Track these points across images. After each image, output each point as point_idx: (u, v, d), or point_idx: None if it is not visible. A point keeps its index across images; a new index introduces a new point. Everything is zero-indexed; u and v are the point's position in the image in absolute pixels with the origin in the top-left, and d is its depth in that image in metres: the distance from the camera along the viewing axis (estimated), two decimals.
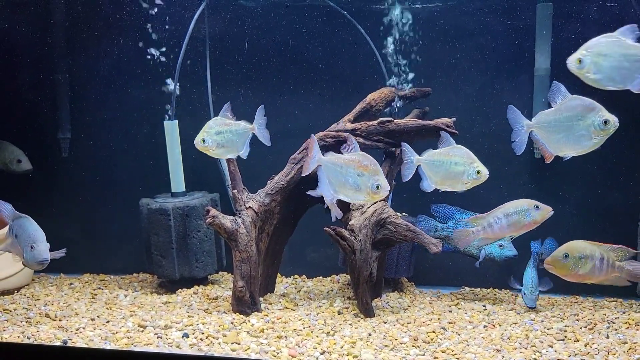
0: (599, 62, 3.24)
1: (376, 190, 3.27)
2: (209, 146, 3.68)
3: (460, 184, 3.50)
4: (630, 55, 3.18)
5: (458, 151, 3.51)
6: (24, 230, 3.58)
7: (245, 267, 3.80)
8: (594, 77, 3.28)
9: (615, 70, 3.24)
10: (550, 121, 3.31)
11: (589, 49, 3.26)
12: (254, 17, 4.74)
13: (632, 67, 3.20)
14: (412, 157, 3.59)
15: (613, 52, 3.22)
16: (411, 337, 3.39)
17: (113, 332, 3.44)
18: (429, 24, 4.54)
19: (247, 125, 3.75)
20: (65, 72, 4.84)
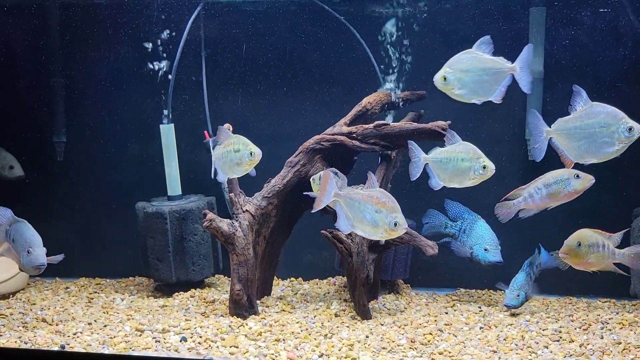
0: (462, 78, 3.42)
1: (394, 227, 3.29)
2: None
3: (468, 179, 3.52)
4: (489, 69, 3.39)
5: (464, 147, 3.53)
6: (20, 235, 3.58)
7: (243, 270, 3.81)
8: (459, 92, 3.46)
9: (477, 84, 3.42)
10: (570, 128, 3.31)
11: (451, 66, 3.44)
12: (250, 21, 4.75)
13: (492, 79, 3.41)
14: (419, 156, 3.61)
15: (473, 67, 3.42)
16: (408, 339, 3.42)
17: (111, 337, 3.44)
18: (424, 28, 4.56)
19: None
20: (60, 76, 4.83)
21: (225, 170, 3.73)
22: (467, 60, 3.44)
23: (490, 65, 3.41)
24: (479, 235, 4.08)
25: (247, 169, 3.69)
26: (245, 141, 3.68)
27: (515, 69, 3.42)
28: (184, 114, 4.74)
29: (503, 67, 3.44)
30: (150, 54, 4.66)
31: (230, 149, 3.67)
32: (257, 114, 4.82)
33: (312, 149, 4.08)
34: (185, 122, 4.71)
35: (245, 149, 3.64)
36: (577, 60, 4.38)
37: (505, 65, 3.44)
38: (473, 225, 4.12)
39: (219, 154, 3.74)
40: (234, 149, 3.66)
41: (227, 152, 3.69)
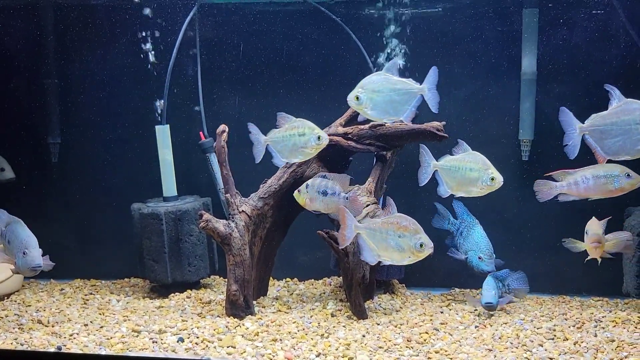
0: (374, 98, 3.55)
1: (420, 248, 3.33)
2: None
3: (476, 189, 3.57)
4: (398, 89, 3.55)
5: (473, 157, 3.58)
6: (16, 237, 3.56)
7: (239, 270, 3.82)
8: (371, 112, 3.58)
9: (388, 104, 3.56)
10: (605, 124, 3.31)
11: (364, 87, 3.57)
12: (245, 22, 4.76)
13: (402, 100, 3.56)
14: (429, 162, 3.66)
15: (384, 87, 3.56)
16: (404, 338, 3.44)
17: (107, 338, 3.44)
18: (419, 29, 4.59)
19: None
20: (55, 77, 4.82)
21: (285, 154, 3.68)
22: (378, 81, 3.59)
23: (400, 86, 3.58)
24: (474, 241, 4.11)
25: (311, 153, 3.64)
26: (311, 125, 3.63)
27: (424, 90, 3.60)
28: (179, 115, 4.74)
29: (412, 88, 3.61)
30: (146, 55, 4.66)
31: (294, 133, 3.61)
32: (253, 115, 4.80)
33: None
34: (180, 123, 4.71)
35: (312, 132, 3.59)
36: (569, 60, 4.42)
37: (414, 86, 3.61)
38: (470, 230, 4.15)
39: (278, 137, 3.66)
40: (298, 132, 3.61)
41: (289, 135, 3.62)
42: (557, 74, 4.45)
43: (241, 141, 4.70)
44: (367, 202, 3.93)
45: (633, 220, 4.05)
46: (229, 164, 3.92)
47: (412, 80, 3.64)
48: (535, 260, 4.45)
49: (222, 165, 3.92)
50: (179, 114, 4.74)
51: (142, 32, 4.68)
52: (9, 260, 3.59)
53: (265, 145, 3.74)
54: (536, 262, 4.42)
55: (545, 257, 4.46)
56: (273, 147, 3.72)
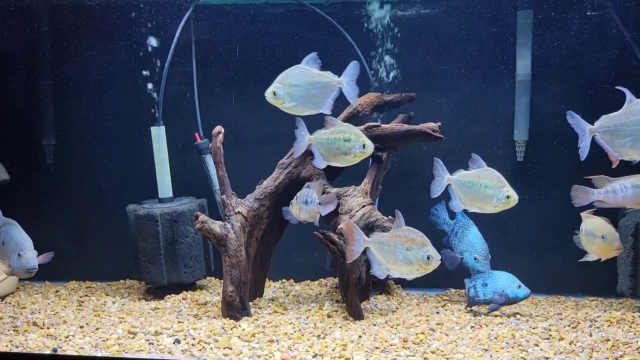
0: (292, 92, 3.56)
1: (427, 260, 3.35)
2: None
3: (490, 206, 3.56)
4: (316, 83, 3.55)
5: (489, 174, 3.56)
6: (10, 238, 3.54)
7: (235, 272, 3.82)
8: (289, 105, 3.59)
9: (306, 98, 3.57)
10: (616, 125, 3.30)
11: (281, 82, 3.57)
12: (242, 23, 4.77)
13: (320, 93, 3.56)
14: (443, 176, 3.65)
15: (302, 81, 3.57)
16: (401, 339, 3.45)
17: (103, 340, 3.43)
18: (414, 30, 4.61)
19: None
20: (50, 78, 4.80)
21: (328, 157, 3.66)
22: (295, 75, 3.59)
23: (318, 79, 3.59)
24: (470, 242, 4.12)
25: (353, 160, 3.62)
26: (357, 132, 3.61)
27: (342, 83, 3.61)
28: (175, 116, 4.73)
29: (330, 81, 3.61)
30: (141, 56, 4.66)
31: (340, 137, 3.60)
32: (249, 116, 4.83)
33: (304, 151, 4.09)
34: (176, 124, 4.70)
35: (357, 140, 3.58)
36: (564, 62, 4.45)
37: (332, 79, 3.61)
38: (465, 231, 4.16)
39: (323, 139, 3.64)
40: (343, 137, 3.59)
41: (334, 139, 3.61)
42: (552, 75, 4.48)
43: (237, 142, 4.73)
44: (363, 202, 3.94)
45: (627, 220, 4.07)
46: (224, 165, 3.91)
47: (330, 73, 3.63)
48: (530, 260, 4.47)
49: (218, 166, 3.92)
50: (175, 115, 4.73)
51: (138, 33, 4.67)
52: (3, 262, 3.57)
53: (308, 144, 3.71)
54: (531, 262, 4.44)
55: (540, 258, 4.49)
56: (316, 148, 3.69)
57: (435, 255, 3.35)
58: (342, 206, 3.97)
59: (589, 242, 3.55)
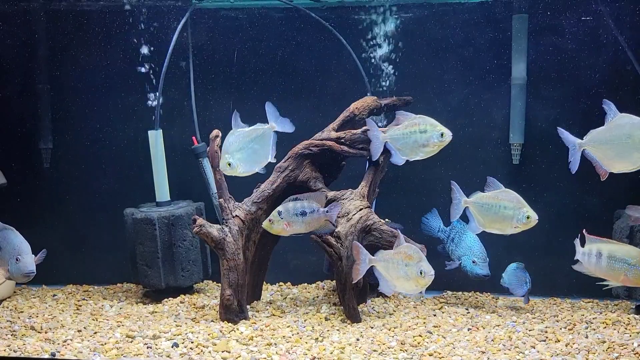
0: (241, 157, 3.72)
1: (420, 275, 3.39)
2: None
3: (510, 227, 3.58)
4: (254, 138, 3.75)
5: (507, 195, 3.58)
6: (8, 243, 3.55)
7: (233, 275, 3.82)
8: (244, 170, 3.73)
9: (253, 155, 3.71)
10: (601, 139, 3.38)
11: (227, 152, 3.69)
12: (238, 28, 4.77)
13: (261, 145, 3.73)
14: (460, 198, 3.66)
15: (243, 143, 3.72)
16: (398, 341, 3.46)
17: (102, 343, 3.43)
18: (409, 34, 4.63)
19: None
20: (47, 82, 4.80)
21: (406, 151, 3.64)
22: (235, 141, 3.72)
23: (254, 134, 3.72)
24: (467, 246, 4.15)
25: (433, 150, 3.59)
26: (433, 122, 3.58)
27: (274, 126, 3.75)
28: (172, 120, 4.73)
29: (264, 130, 3.74)
30: (139, 60, 4.66)
31: (415, 130, 3.57)
32: (246, 120, 4.82)
33: (301, 154, 4.11)
34: (173, 128, 4.71)
35: (434, 129, 3.55)
36: (559, 66, 4.48)
37: (264, 127, 3.74)
38: (462, 236, 4.19)
39: (398, 134, 3.62)
40: (419, 129, 3.56)
41: (410, 132, 3.58)
42: (547, 78, 4.51)
43: None
44: (361, 206, 3.96)
45: (622, 222, 4.10)
46: None
47: (259, 124, 3.78)
48: (526, 262, 4.48)
49: (216, 170, 3.93)
50: (172, 119, 4.74)
51: (135, 37, 4.68)
52: (1, 267, 3.57)
53: (383, 143, 3.69)
54: (527, 264, 4.44)
55: (536, 260, 4.50)
56: (392, 145, 3.67)
57: (428, 270, 3.40)
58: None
59: (616, 270, 3.47)
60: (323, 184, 4.12)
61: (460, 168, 4.55)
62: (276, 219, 3.73)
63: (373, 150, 3.72)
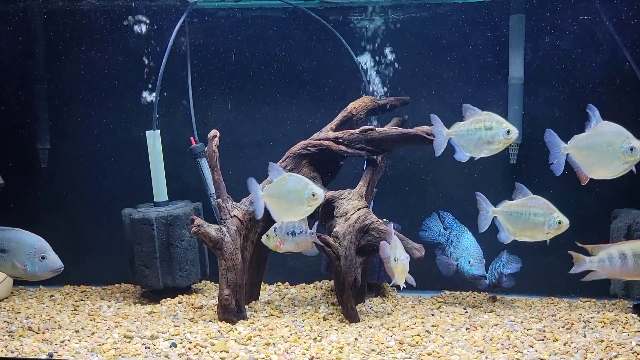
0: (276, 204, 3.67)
1: (395, 261, 3.56)
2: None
3: (541, 234, 3.53)
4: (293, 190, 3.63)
5: (536, 201, 3.54)
6: (20, 243, 3.51)
7: (231, 275, 3.82)
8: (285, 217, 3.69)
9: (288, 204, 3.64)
10: (583, 145, 3.39)
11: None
12: (236, 28, 4.77)
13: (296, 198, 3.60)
14: (487, 209, 3.63)
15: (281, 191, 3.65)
16: (397, 341, 3.46)
17: (99, 344, 3.41)
18: (407, 35, 4.64)
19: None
20: (44, 81, 4.78)
21: (470, 148, 3.57)
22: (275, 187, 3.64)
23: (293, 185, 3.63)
24: (464, 247, 4.15)
25: (498, 148, 3.54)
26: (500, 119, 3.52)
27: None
28: (170, 120, 4.72)
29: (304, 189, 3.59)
30: (137, 60, 4.65)
31: (481, 126, 3.51)
32: (244, 120, 4.83)
33: (298, 154, 4.11)
34: (171, 128, 4.69)
35: (500, 126, 3.49)
36: (556, 66, 4.49)
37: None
38: (460, 238, 4.19)
39: (462, 130, 3.55)
40: (485, 126, 3.50)
41: (475, 129, 3.52)
42: (544, 78, 4.51)
43: (232, 146, 4.74)
44: (359, 205, 3.96)
45: (619, 222, 4.11)
46: (220, 168, 3.92)
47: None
48: (523, 262, 4.48)
49: (214, 170, 3.92)
50: (170, 119, 4.73)
51: (133, 37, 4.67)
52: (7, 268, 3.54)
53: (447, 139, 3.63)
54: (525, 264, 4.45)
55: (533, 259, 4.51)
56: (456, 141, 3.60)
57: (401, 255, 3.53)
58: (337, 209, 3.98)
59: None
60: (321, 184, 4.13)
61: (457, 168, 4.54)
62: (272, 234, 3.81)
63: (436, 146, 3.63)
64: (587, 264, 3.56)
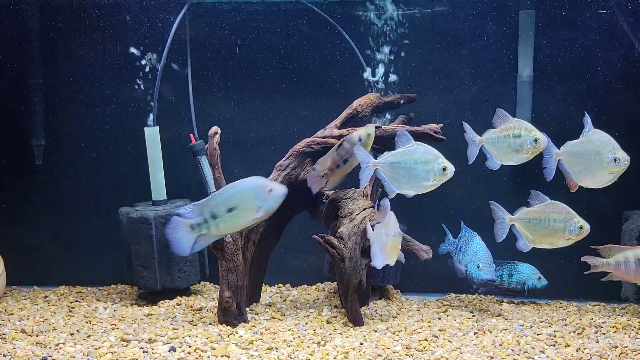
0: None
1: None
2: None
3: (562, 240, 3.50)
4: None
5: (555, 207, 3.51)
6: (244, 194, 3.23)
7: (232, 276, 3.70)
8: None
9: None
10: (574, 152, 3.41)
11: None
12: (238, 23, 4.68)
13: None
14: (504, 217, 3.58)
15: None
16: (403, 346, 3.35)
17: (95, 348, 3.30)
18: (414, 31, 4.55)
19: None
20: (39, 77, 4.68)
21: (500, 156, 3.55)
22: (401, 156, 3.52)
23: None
24: (473, 252, 4.05)
25: (527, 157, 3.51)
26: (529, 126, 3.50)
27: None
28: (169, 116, 4.62)
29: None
30: (135, 55, 4.55)
31: (509, 134, 3.49)
32: (246, 117, 4.75)
33: (302, 152, 4.00)
34: (170, 125, 4.60)
35: (529, 135, 3.47)
36: (566, 62, 4.40)
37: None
38: (469, 243, 4.09)
39: (493, 137, 3.54)
40: (513, 134, 3.49)
41: (504, 136, 3.51)
42: (554, 76, 4.43)
43: (234, 143, 4.64)
44: (364, 205, 3.86)
45: (631, 224, 4.02)
46: (221, 166, 3.81)
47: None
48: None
49: (214, 168, 3.82)
50: (169, 116, 4.62)
51: (131, 31, 4.56)
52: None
53: (479, 146, 3.61)
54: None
55: (541, 262, 4.42)
56: (487, 149, 3.59)
57: (394, 231, 3.50)
58: (342, 209, 3.89)
59: None
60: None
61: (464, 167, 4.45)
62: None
63: (469, 154, 3.62)
64: (603, 266, 3.52)
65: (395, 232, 3.48)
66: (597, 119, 4.34)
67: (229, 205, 3.22)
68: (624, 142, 3.76)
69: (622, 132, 4.20)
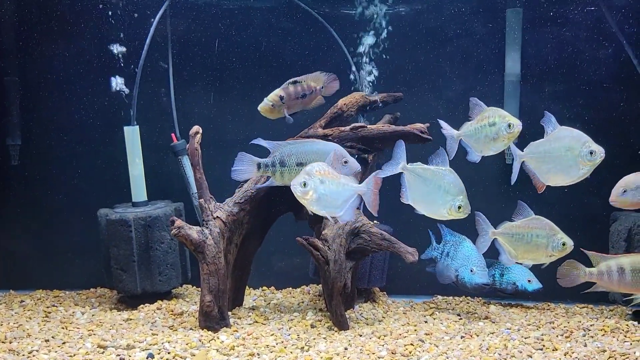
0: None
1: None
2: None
3: (544, 256, 3.48)
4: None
5: (538, 222, 3.49)
6: (318, 154, 3.28)
7: (213, 280, 3.61)
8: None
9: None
10: (540, 152, 3.38)
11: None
12: (219, 19, 4.61)
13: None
14: (487, 230, 3.55)
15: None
16: (389, 351, 3.28)
17: (70, 355, 3.21)
18: (401, 29, 4.50)
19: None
20: (15, 74, 4.58)
21: (478, 147, 3.47)
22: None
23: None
24: (465, 256, 3.98)
25: (504, 144, 3.43)
26: (502, 113, 3.43)
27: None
28: (150, 115, 4.54)
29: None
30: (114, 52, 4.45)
31: (485, 124, 3.42)
32: (228, 116, 4.68)
33: None
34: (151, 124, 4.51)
35: (502, 121, 3.39)
36: (553, 60, 4.37)
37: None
38: (458, 247, 4.02)
39: (470, 130, 3.47)
40: (488, 122, 3.41)
41: (480, 127, 3.44)
42: (542, 74, 4.39)
43: (216, 143, 4.54)
44: None
45: (619, 225, 3.99)
46: (202, 167, 3.72)
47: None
48: None
49: (196, 168, 3.74)
50: (150, 114, 4.54)
51: (110, 28, 4.47)
52: None
53: (458, 141, 3.53)
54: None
55: None
56: (467, 142, 3.52)
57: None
58: None
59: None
60: None
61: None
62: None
63: (449, 150, 3.55)
64: (586, 276, 3.51)
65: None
66: (585, 116, 4.31)
67: (300, 159, 3.17)
68: (611, 139, 3.74)
69: (610, 130, 4.18)
